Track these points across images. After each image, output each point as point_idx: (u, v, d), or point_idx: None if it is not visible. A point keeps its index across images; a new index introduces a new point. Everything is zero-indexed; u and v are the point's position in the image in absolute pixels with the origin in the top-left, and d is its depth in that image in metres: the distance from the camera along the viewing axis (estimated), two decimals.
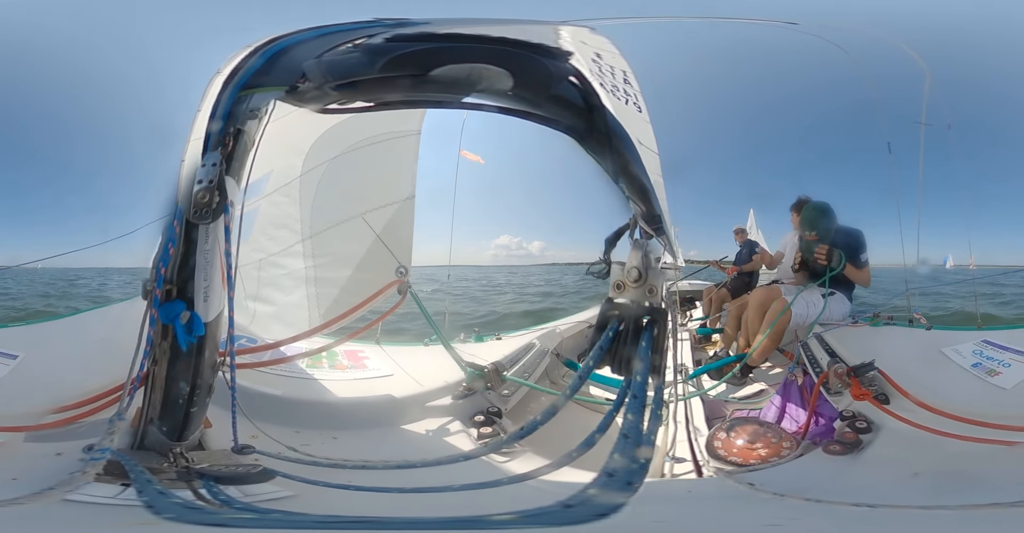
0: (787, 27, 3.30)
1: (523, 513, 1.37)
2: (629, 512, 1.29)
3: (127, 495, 1.68)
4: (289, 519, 1.68)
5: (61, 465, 1.84)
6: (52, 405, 2.17)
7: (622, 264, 1.71)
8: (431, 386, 2.97)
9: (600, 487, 1.31)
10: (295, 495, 1.86)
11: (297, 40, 1.70)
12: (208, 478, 1.84)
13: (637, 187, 1.76)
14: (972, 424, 2.32)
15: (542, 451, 2.29)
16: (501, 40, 1.53)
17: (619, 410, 1.60)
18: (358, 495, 1.89)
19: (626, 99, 1.79)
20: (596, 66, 1.68)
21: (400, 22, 1.63)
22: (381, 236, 3.45)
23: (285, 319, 3.42)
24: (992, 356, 2.98)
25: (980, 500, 1.86)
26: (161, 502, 1.61)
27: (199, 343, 1.91)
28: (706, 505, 2.14)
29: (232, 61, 1.75)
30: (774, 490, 2.07)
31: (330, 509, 1.83)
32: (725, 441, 2.56)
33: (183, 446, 2.00)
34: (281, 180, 3.39)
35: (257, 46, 1.72)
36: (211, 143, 1.79)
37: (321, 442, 2.45)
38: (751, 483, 2.16)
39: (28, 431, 2.08)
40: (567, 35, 1.72)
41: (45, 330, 3.05)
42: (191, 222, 1.79)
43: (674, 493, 2.25)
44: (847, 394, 2.77)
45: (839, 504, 1.90)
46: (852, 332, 3.95)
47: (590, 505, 1.29)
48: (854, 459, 2.33)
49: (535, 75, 1.53)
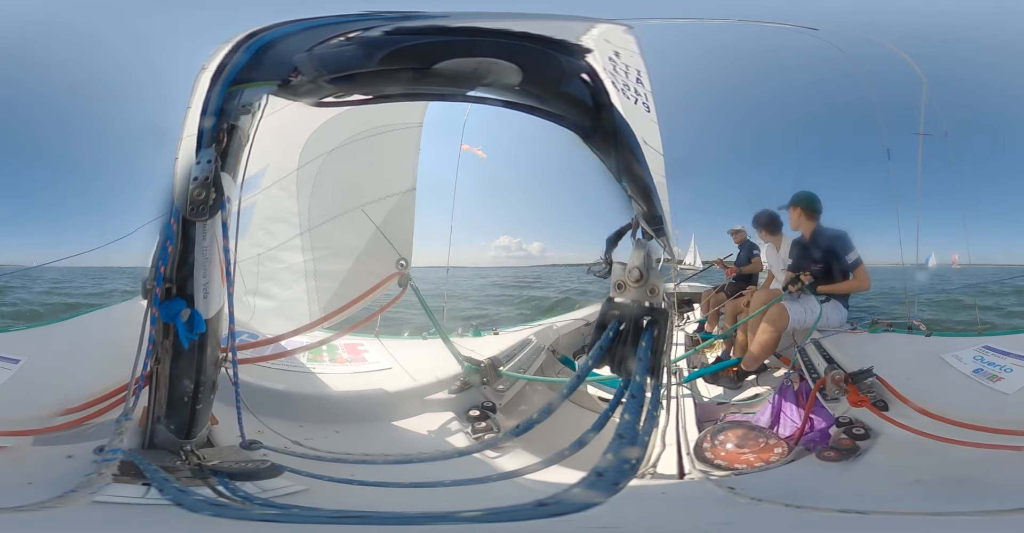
0: (796, 30, 3.27)
1: (492, 510, 1.36)
2: (592, 512, 1.27)
3: (153, 495, 1.70)
4: (307, 514, 1.70)
5: (74, 467, 1.85)
6: (58, 408, 2.17)
7: (623, 264, 1.70)
8: (429, 380, 3.00)
9: (586, 487, 1.28)
10: (307, 489, 1.89)
11: (281, 33, 1.67)
12: (222, 475, 1.85)
13: (640, 187, 1.74)
14: (974, 429, 2.29)
15: (536, 449, 2.29)
16: (516, 34, 1.51)
17: (615, 410, 1.58)
18: (361, 490, 1.90)
19: (635, 98, 1.76)
20: (612, 64, 1.66)
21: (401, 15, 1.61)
22: (381, 228, 3.44)
23: (285, 313, 3.42)
24: (993, 362, 2.96)
25: (983, 506, 1.84)
26: (190, 501, 1.62)
27: (201, 340, 1.91)
28: (672, 507, 2.12)
29: (216, 57, 1.72)
30: (752, 495, 2.04)
31: (336, 503, 1.85)
32: (713, 444, 2.53)
33: (193, 443, 2.01)
34: (278, 174, 3.38)
35: (239, 41, 1.70)
36: (204, 140, 1.78)
37: (324, 436, 2.48)
38: (731, 487, 2.15)
39: (36, 435, 2.09)
40: (593, 32, 1.69)
41: (46, 333, 3.05)
42: (188, 219, 1.78)
43: (647, 494, 2.21)
44: (844, 400, 2.74)
45: (823, 510, 1.89)
46: (850, 339, 3.93)
47: (563, 504, 1.27)
48: (849, 465, 2.30)
49: (546, 71, 1.51)
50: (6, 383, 2.36)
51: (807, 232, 4.58)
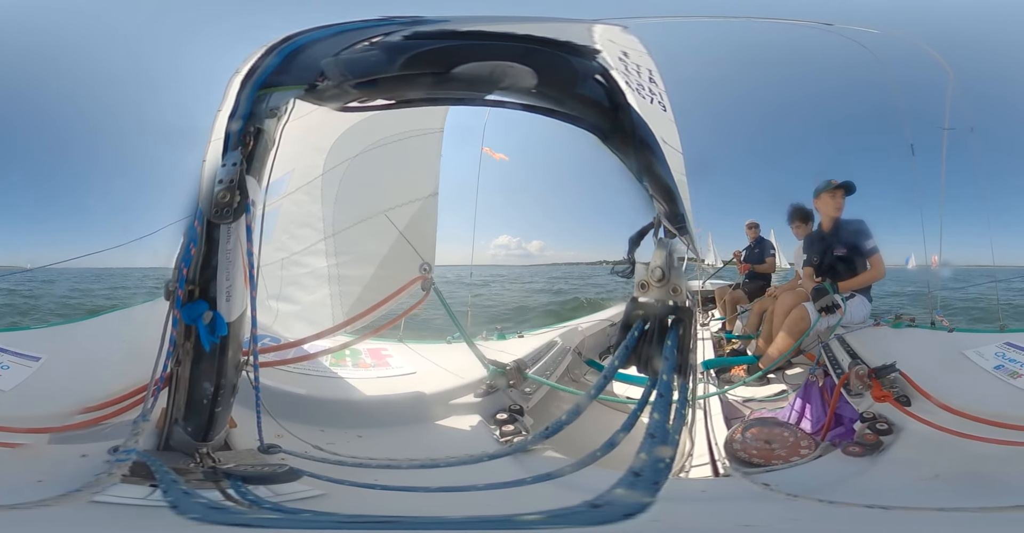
0: (817, 28, 3.23)
1: (550, 513, 1.35)
2: (651, 512, 1.28)
3: (155, 496, 1.68)
4: (318, 519, 1.67)
5: (87, 467, 1.84)
6: (76, 407, 2.19)
7: (646, 264, 1.69)
8: (454, 384, 2.98)
9: (627, 487, 1.30)
10: (324, 494, 1.86)
11: (312, 38, 1.68)
12: (236, 478, 1.83)
13: (661, 186, 1.74)
14: (995, 426, 2.30)
15: (562, 450, 2.31)
16: (527, 37, 1.51)
17: (643, 409, 1.59)
18: (385, 494, 1.88)
19: (651, 98, 1.77)
20: (623, 64, 1.65)
21: (415, 20, 1.61)
22: (404, 233, 3.44)
23: (308, 318, 3.43)
24: (1015, 358, 2.98)
25: (1003, 502, 1.85)
26: (185, 502, 1.61)
27: (222, 343, 1.91)
28: (717, 505, 2.13)
29: (249, 60, 1.73)
30: (788, 491, 2.06)
31: (358, 508, 1.82)
32: (743, 441, 2.57)
33: (209, 446, 2.00)
34: (303, 178, 3.39)
35: (272, 44, 1.71)
36: (231, 143, 1.78)
37: (346, 441, 2.45)
38: (766, 483, 2.16)
39: (53, 433, 2.10)
40: (596, 33, 1.70)
41: (68, 332, 3.09)
42: (212, 222, 1.78)
43: (690, 493, 2.24)
44: (868, 396, 2.75)
45: (852, 506, 1.89)
46: (873, 334, 3.94)
47: (617, 504, 1.28)
48: (874, 461, 2.32)
49: (560, 73, 1.51)
50: (26, 381, 2.39)
51: (835, 218, 4.58)
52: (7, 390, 2.32)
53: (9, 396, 2.29)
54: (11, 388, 2.34)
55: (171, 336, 1.90)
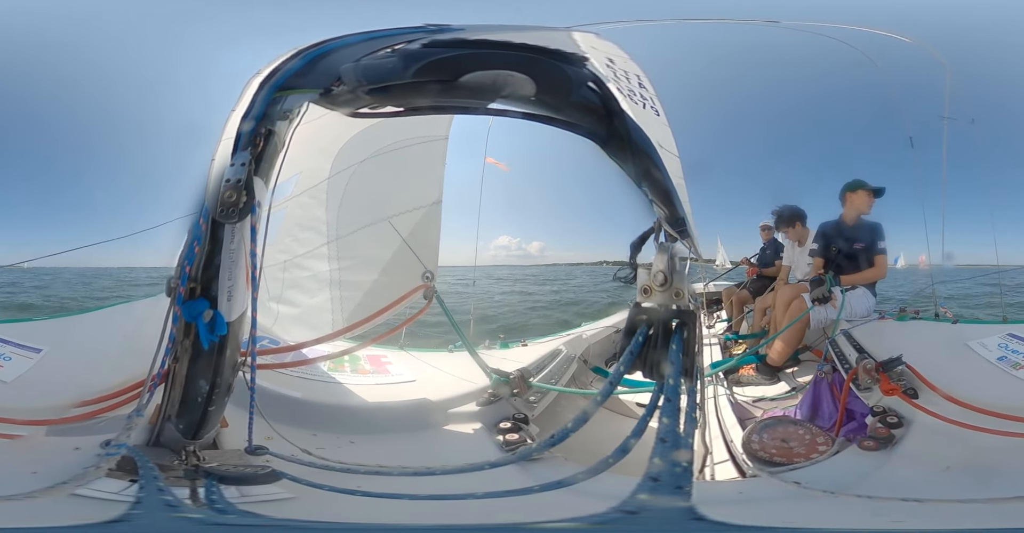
0: (817, 28, 3.25)
1: (586, 519, 1.35)
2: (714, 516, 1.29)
3: (130, 491, 1.67)
4: (276, 524, 1.65)
5: (78, 460, 1.84)
6: (74, 400, 2.18)
7: (648, 268, 1.69)
8: (455, 392, 2.94)
9: (649, 492, 1.30)
10: (294, 497, 1.82)
11: (340, 44, 1.69)
12: (213, 477, 1.82)
13: (660, 190, 1.75)
14: (999, 417, 2.33)
15: (565, 458, 2.27)
16: (523, 46, 1.52)
17: (652, 414, 1.57)
18: (367, 501, 1.83)
19: (643, 103, 1.79)
20: (611, 71, 1.68)
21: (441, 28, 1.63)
22: (408, 240, 3.44)
23: (308, 321, 3.43)
24: (1017, 349, 3.02)
25: (1000, 493, 1.86)
26: (147, 499, 1.60)
27: (221, 342, 1.91)
28: (763, 505, 2.09)
29: (273, 63, 1.75)
30: (822, 488, 2.04)
31: (334, 515, 1.79)
32: (761, 441, 2.56)
33: (197, 444, 1.99)
34: (309, 182, 3.41)
35: (301, 48, 1.72)
36: (241, 143, 1.79)
37: (337, 446, 2.42)
38: (796, 482, 2.14)
39: (50, 425, 2.10)
40: (579, 40, 1.72)
41: (69, 325, 3.09)
42: (217, 221, 1.78)
43: (727, 495, 2.23)
44: (876, 390, 2.77)
45: (890, 500, 1.88)
46: (879, 327, 3.98)
47: (653, 510, 1.28)
48: (889, 454, 2.32)
49: (556, 81, 1.53)
50: (27, 372, 2.39)
51: (859, 216, 4.72)
52: (9, 381, 2.33)
53: (11, 387, 2.29)
54: (12, 379, 2.34)
55: (171, 333, 1.90)
